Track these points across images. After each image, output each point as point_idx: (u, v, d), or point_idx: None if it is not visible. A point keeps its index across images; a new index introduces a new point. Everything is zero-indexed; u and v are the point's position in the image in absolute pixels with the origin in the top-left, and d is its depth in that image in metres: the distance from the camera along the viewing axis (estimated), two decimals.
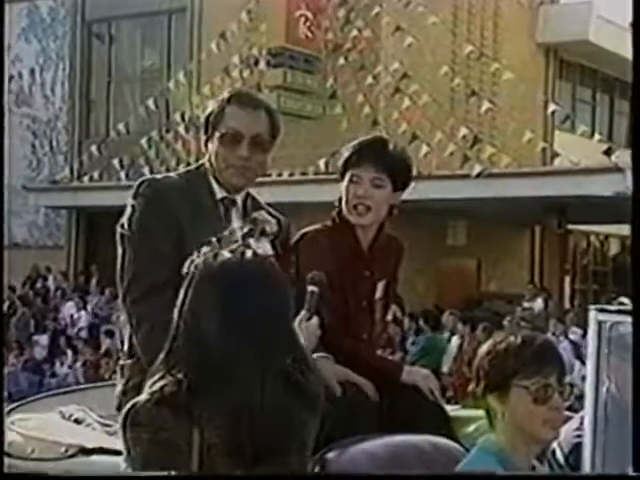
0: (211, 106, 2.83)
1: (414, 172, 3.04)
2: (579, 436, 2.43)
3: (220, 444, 1.82)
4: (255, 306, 1.88)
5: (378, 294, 3.02)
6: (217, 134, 2.78)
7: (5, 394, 12.56)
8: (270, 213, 2.87)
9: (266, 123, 2.79)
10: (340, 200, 2.95)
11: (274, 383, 1.86)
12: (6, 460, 2.81)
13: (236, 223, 2.78)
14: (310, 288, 2.55)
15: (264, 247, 2.73)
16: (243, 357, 1.85)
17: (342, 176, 2.95)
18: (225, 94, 2.86)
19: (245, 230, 2.71)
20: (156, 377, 1.89)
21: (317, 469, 2.34)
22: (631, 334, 2.17)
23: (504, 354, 2.18)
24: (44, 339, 15.00)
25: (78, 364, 13.87)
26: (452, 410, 2.91)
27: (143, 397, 1.87)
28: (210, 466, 1.82)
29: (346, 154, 2.94)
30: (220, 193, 2.81)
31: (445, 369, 11.79)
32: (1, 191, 5.86)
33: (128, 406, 1.88)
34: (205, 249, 1.96)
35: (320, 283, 2.56)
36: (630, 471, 2.08)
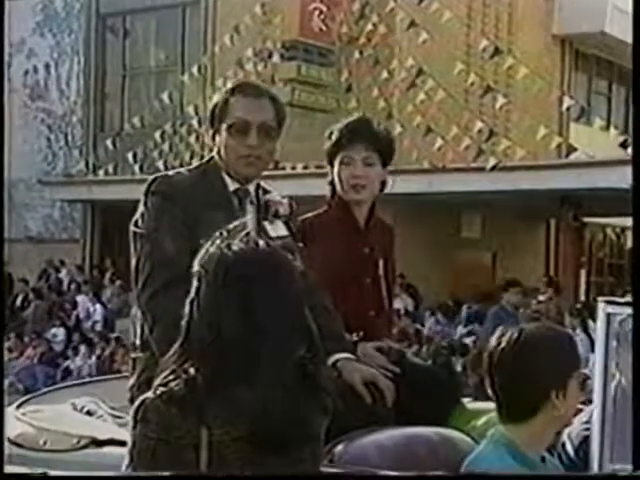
0: (215, 99, 2.85)
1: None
2: (589, 429, 2.42)
3: (233, 439, 1.80)
4: (271, 297, 1.87)
5: (380, 272, 3.06)
6: (224, 126, 2.78)
7: (21, 387, 12.67)
8: (281, 196, 2.90)
9: (271, 111, 2.80)
10: (332, 182, 3.01)
11: (291, 375, 1.85)
12: (19, 451, 2.83)
13: (250, 213, 2.79)
14: None
15: (279, 229, 2.75)
16: (262, 349, 1.83)
17: (332, 159, 3.01)
18: (228, 86, 2.88)
19: (259, 214, 2.72)
20: (166, 372, 1.87)
21: (327, 461, 2.34)
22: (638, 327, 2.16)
23: (559, 351, 2.17)
24: (60, 332, 15.07)
25: (93, 357, 13.94)
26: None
27: (152, 394, 1.86)
28: (219, 462, 1.81)
29: (334, 137, 3.02)
30: (233, 185, 2.81)
31: (460, 366, 11.73)
32: (1, 186, 5.91)
33: (138, 401, 1.87)
34: (217, 240, 1.94)
35: None
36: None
